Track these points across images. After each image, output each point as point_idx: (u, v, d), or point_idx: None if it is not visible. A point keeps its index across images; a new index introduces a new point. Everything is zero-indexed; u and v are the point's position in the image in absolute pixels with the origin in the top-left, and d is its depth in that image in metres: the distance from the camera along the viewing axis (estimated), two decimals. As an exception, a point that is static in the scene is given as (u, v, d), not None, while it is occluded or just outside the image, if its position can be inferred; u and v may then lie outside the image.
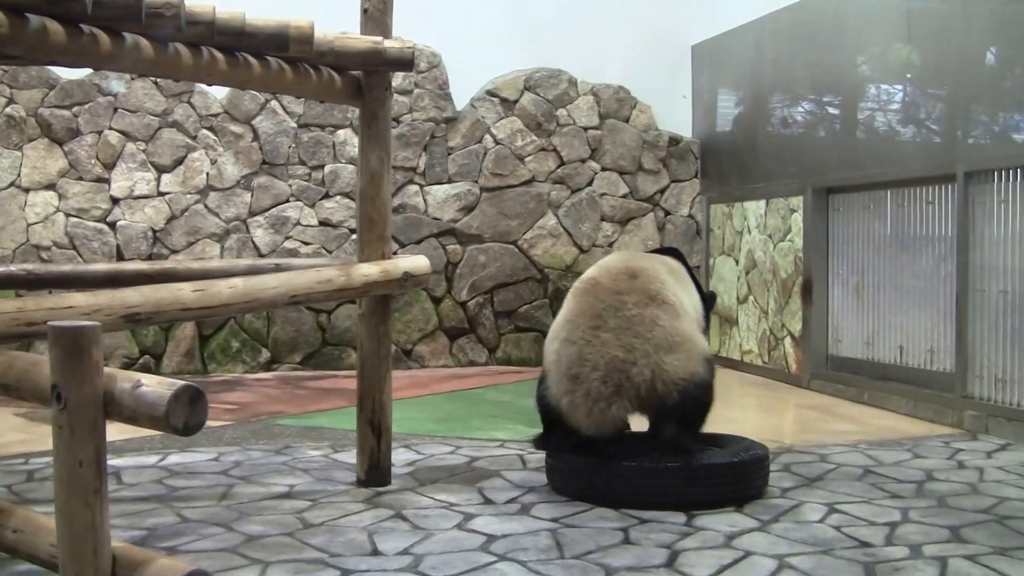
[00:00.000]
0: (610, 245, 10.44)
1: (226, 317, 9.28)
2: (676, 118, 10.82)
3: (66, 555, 2.93)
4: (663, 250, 5.79)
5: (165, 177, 9.63)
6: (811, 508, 4.82)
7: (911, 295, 7.67)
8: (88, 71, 9.27)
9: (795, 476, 5.48)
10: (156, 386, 2.85)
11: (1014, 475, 5.50)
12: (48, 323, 2.97)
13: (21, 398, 3.24)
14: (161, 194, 9.62)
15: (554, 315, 10.02)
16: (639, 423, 5.06)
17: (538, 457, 5.85)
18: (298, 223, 9.86)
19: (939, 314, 7.35)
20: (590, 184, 10.47)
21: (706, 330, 5.40)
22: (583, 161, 10.44)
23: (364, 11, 5.20)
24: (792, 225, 8.90)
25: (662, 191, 10.64)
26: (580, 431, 4.81)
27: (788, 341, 8.97)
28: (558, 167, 10.39)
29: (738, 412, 7.48)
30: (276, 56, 4.71)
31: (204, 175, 9.69)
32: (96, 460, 2.91)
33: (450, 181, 10.17)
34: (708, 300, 5.72)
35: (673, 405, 4.76)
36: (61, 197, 9.44)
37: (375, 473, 5.28)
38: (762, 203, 9.42)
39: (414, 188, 10.10)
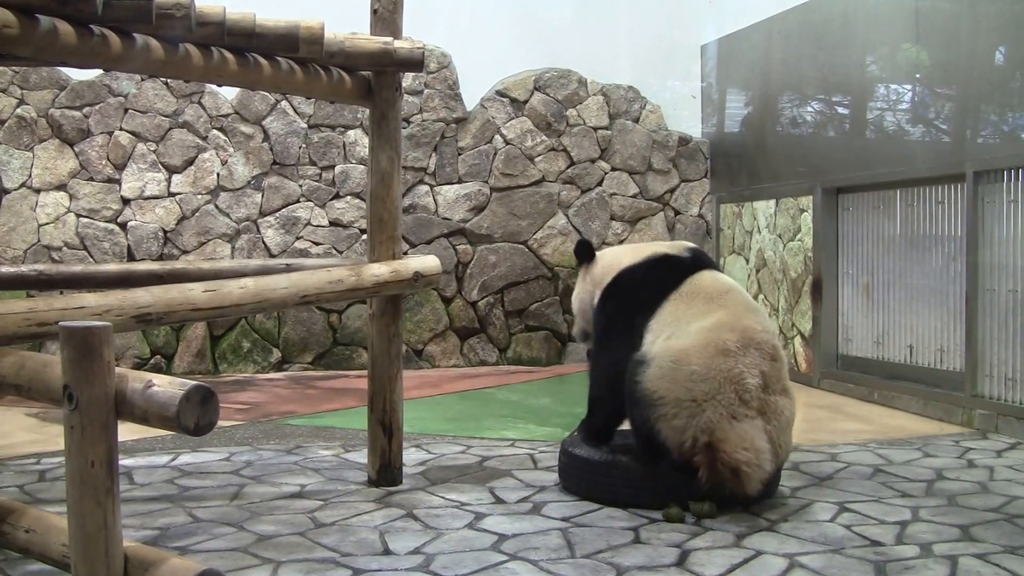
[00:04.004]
0: (620, 243, 10.42)
1: (237, 317, 9.29)
2: (685, 118, 10.83)
3: (78, 555, 2.94)
4: (694, 254, 5.40)
5: (176, 178, 9.66)
6: (821, 507, 4.82)
7: (921, 294, 7.66)
8: (98, 72, 9.30)
9: (805, 475, 5.48)
10: (167, 386, 2.87)
11: (1024, 474, 5.51)
12: (59, 323, 2.98)
13: (33, 398, 3.25)
14: (172, 194, 9.64)
15: (565, 313, 10.13)
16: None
17: (549, 456, 5.86)
18: (308, 223, 9.88)
19: (949, 313, 7.34)
20: (600, 184, 10.47)
21: None
22: (593, 161, 10.45)
23: (374, 12, 5.21)
24: (802, 225, 8.89)
25: (672, 191, 10.64)
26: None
27: (798, 340, 8.97)
28: (568, 167, 10.39)
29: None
30: (286, 57, 4.72)
31: (214, 175, 9.71)
32: (108, 460, 2.92)
33: (460, 181, 10.18)
34: None
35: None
36: (72, 198, 9.47)
37: (386, 473, 5.29)
38: (772, 203, 9.42)
39: (424, 188, 10.11)
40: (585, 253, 5.47)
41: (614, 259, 5.37)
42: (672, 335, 4.84)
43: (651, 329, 4.96)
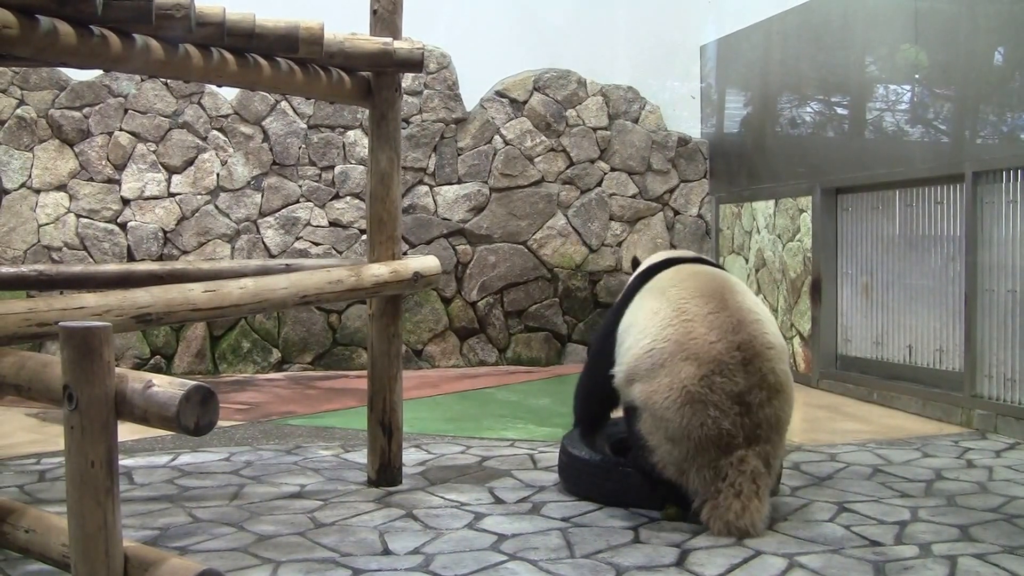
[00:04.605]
0: (619, 244, 10.45)
1: (237, 317, 9.29)
2: (685, 118, 10.83)
3: (78, 555, 2.94)
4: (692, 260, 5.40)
5: (175, 178, 9.66)
6: (821, 507, 4.83)
7: (920, 295, 7.66)
8: (98, 72, 9.30)
9: (805, 475, 5.48)
10: (167, 386, 2.87)
11: (1023, 474, 5.50)
12: (59, 324, 2.99)
13: (33, 399, 3.26)
14: (171, 195, 9.65)
15: (564, 314, 10.14)
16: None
17: (549, 456, 5.87)
18: (308, 224, 9.88)
19: (948, 314, 7.35)
20: (599, 184, 10.47)
21: None
22: (592, 161, 10.45)
23: (374, 12, 5.22)
24: (801, 225, 8.89)
25: (671, 191, 10.64)
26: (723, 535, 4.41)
27: (797, 341, 8.97)
28: (567, 167, 10.40)
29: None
30: (286, 57, 4.72)
31: (214, 176, 9.72)
32: (108, 460, 2.92)
33: (460, 182, 10.18)
34: None
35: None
36: (72, 198, 9.47)
37: (386, 473, 5.30)
38: (771, 203, 9.42)
39: (424, 188, 10.11)
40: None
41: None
42: (631, 346, 4.74)
43: (617, 338, 4.94)
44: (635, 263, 5.60)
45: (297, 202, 9.87)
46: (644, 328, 4.72)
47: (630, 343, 4.77)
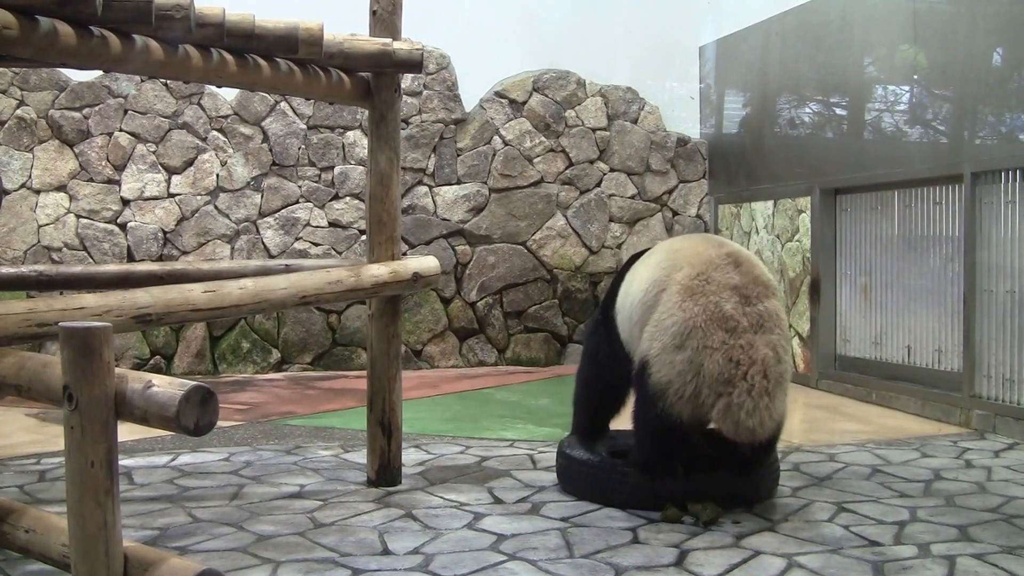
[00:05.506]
0: (619, 246, 10.45)
1: (236, 318, 9.30)
2: (684, 119, 10.83)
3: (78, 555, 2.95)
4: None
5: (175, 178, 9.66)
6: (820, 507, 4.83)
7: (919, 295, 7.67)
8: (98, 73, 9.31)
9: (804, 475, 5.49)
10: (167, 386, 2.87)
11: (1022, 474, 5.51)
12: (59, 324, 2.99)
13: (33, 399, 3.26)
14: (171, 195, 9.65)
15: (564, 315, 10.15)
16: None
17: (548, 456, 5.87)
18: (308, 224, 9.88)
19: (947, 314, 7.35)
20: (599, 185, 10.48)
21: None
22: (591, 162, 10.46)
23: (373, 13, 5.22)
24: (800, 225, 8.90)
25: (670, 192, 10.65)
26: (731, 438, 4.48)
27: (796, 341, 8.98)
28: (567, 168, 10.40)
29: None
30: (286, 58, 4.73)
31: (214, 176, 9.72)
32: (107, 460, 2.93)
33: (459, 182, 10.18)
34: None
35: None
36: (72, 198, 9.48)
37: (385, 473, 5.30)
38: (770, 204, 9.43)
39: (423, 189, 10.12)
40: None
41: None
42: (632, 301, 4.81)
43: (614, 318, 5.02)
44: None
45: (297, 202, 9.87)
46: (640, 282, 4.83)
47: (629, 303, 4.85)
